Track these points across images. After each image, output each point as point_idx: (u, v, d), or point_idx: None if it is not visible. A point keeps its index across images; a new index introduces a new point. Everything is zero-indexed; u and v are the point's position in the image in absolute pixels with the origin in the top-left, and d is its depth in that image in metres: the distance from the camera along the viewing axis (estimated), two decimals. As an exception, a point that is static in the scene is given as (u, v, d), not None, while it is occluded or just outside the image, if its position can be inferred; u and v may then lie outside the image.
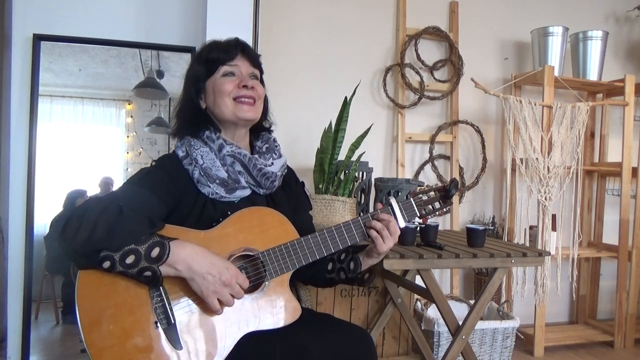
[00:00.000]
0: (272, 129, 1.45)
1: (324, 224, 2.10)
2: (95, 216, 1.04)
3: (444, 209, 1.32)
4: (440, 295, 1.74)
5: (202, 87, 1.31)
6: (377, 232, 1.23)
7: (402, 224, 1.27)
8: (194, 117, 1.31)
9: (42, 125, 2.18)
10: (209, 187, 1.24)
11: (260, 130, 1.42)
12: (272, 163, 1.34)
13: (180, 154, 1.28)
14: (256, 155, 1.33)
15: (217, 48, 1.31)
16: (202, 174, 1.24)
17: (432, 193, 1.31)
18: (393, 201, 1.28)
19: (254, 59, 1.34)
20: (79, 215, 1.05)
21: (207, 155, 1.26)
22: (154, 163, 1.29)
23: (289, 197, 1.41)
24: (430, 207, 1.30)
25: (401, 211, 1.27)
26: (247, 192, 1.30)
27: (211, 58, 1.30)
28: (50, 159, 2.20)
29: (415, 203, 1.29)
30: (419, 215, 1.29)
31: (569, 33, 2.85)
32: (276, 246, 1.21)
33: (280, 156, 1.38)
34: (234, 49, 1.31)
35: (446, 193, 1.29)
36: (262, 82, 1.37)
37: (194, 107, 1.31)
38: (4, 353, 2.20)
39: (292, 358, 1.09)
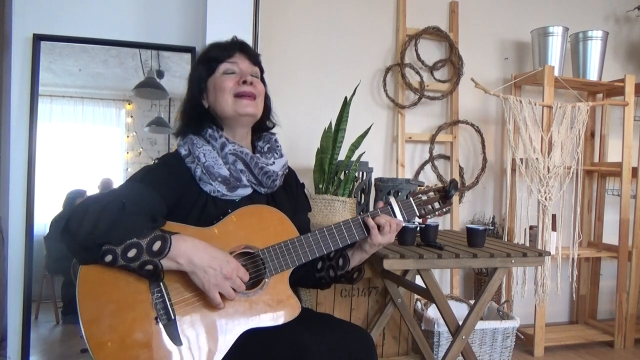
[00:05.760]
0: (274, 130, 1.46)
1: (324, 224, 2.10)
2: (97, 211, 1.06)
3: (444, 209, 1.33)
4: (440, 295, 1.74)
5: (204, 87, 1.33)
6: (379, 225, 1.25)
7: (402, 223, 1.29)
8: (197, 116, 1.33)
9: (42, 125, 2.18)
10: (211, 185, 1.25)
11: (262, 129, 1.43)
12: (274, 162, 1.35)
13: (183, 152, 1.29)
14: (258, 155, 1.34)
15: (216, 47, 1.34)
16: (204, 171, 1.25)
17: (431, 193, 1.32)
18: (393, 200, 1.29)
19: (253, 57, 1.36)
20: (81, 210, 1.07)
21: (210, 153, 1.27)
22: (156, 161, 1.31)
23: (289, 197, 1.42)
24: (429, 207, 1.32)
25: (401, 211, 1.29)
26: (249, 190, 1.30)
27: (211, 57, 1.32)
28: (50, 159, 2.19)
29: (414, 203, 1.31)
30: (418, 215, 1.31)
31: (569, 33, 2.85)
32: (276, 244, 1.22)
33: (281, 156, 1.39)
34: (232, 47, 1.33)
35: (446, 193, 1.31)
36: (263, 80, 1.39)
37: (197, 107, 1.33)
38: (4, 353, 2.20)
39: (293, 358, 1.09)
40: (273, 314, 1.18)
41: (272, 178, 1.32)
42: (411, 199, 1.31)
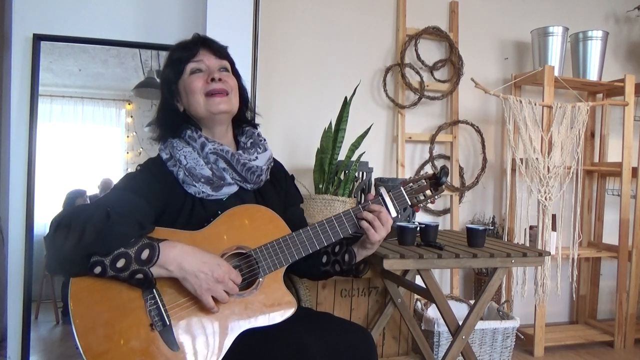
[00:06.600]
0: (256, 122, 1.44)
1: (324, 224, 2.10)
2: (82, 222, 1.04)
3: (436, 197, 1.31)
4: (440, 295, 1.74)
5: (175, 90, 1.30)
6: (369, 222, 1.23)
7: (394, 213, 1.27)
8: (173, 121, 1.31)
9: (42, 125, 2.18)
10: (195, 186, 1.24)
11: (242, 123, 1.40)
12: (257, 157, 1.33)
13: (164, 156, 1.28)
14: (240, 151, 1.32)
15: (180, 48, 1.31)
16: (186, 174, 1.24)
17: (422, 181, 1.31)
18: (383, 191, 1.28)
19: (218, 51, 1.32)
20: (66, 223, 1.05)
21: (190, 154, 1.26)
22: (138, 167, 1.29)
23: (278, 191, 1.41)
24: (421, 195, 1.30)
25: (392, 200, 1.28)
26: (234, 188, 1.29)
27: (175, 59, 1.30)
28: (50, 159, 2.20)
29: (405, 192, 1.29)
30: (410, 204, 1.29)
31: (569, 33, 2.85)
32: (268, 242, 1.21)
33: (265, 150, 1.37)
34: (194, 45, 1.30)
35: (437, 180, 1.29)
36: (235, 73, 1.36)
37: (172, 111, 1.31)
38: (4, 353, 2.20)
39: (293, 357, 1.08)
40: (269, 313, 1.17)
41: (257, 173, 1.31)
42: (402, 188, 1.29)
